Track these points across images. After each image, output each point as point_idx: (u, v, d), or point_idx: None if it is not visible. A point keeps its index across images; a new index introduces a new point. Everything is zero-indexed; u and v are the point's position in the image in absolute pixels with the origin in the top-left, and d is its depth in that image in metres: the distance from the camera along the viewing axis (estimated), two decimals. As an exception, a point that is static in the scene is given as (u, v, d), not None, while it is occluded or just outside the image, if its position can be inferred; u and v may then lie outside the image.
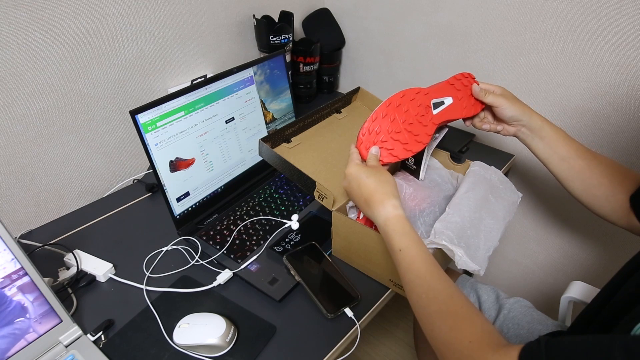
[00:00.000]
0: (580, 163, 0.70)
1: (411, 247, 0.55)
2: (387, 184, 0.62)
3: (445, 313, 0.50)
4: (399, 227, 0.57)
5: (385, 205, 0.59)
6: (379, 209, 0.59)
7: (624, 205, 0.67)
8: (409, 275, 0.54)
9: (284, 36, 1.15)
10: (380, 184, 0.61)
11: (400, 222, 0.57)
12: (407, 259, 0.55)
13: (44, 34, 0.80)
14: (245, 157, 0.94)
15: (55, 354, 0.62)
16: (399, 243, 0.56)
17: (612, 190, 0.68)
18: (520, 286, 1.30)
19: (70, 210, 0.92)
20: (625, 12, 0.82)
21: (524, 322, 0.80)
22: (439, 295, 0.51)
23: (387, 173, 0.64)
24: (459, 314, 0.49)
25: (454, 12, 1.06)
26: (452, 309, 0.50)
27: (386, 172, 0.64)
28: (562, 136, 0.71)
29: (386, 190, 0.61)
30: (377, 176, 0.62)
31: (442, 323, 0.50)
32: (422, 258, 0.54)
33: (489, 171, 0.81)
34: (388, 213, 0.58)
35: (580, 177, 0.71)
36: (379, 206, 0.59)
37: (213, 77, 0.83)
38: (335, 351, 0.64)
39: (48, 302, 0.61)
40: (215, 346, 0.62)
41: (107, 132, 0.96)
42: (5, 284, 0.58)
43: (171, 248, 0.81)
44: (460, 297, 0.51)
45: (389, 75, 1.29)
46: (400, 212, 0.58)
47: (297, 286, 0.73)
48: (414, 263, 0.54)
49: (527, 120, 0.71)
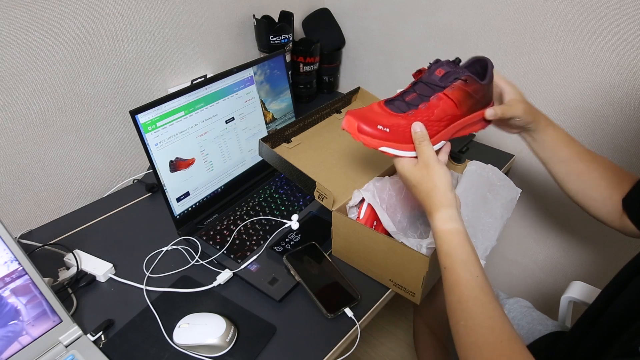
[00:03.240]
0: (580, 166, 0.69)
1: (456, 268, 0.52)
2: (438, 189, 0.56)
3: (483, 346, 0.47)
4: (446, 244, 0.54)
5: (434, 217, 0.56)
6: (434, 215, 0.56)
7: (619, 207, 0.67)
8: (450, 297, 0.52)
9: (284, 36, 1.15)
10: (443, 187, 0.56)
11: (447, 238, 0.54)
12: (451, 279, 0.52)
13: (44, 34, 0.80)
14: (245, 157, 0.94)
15: (55, 354, 0.62)
16: (444, 261, 0.53)
17: (609, 192, 0.68)
18: (520, 286, 1.30)
19: (70, 210, 0.92)
20: (625, 12, 0.82)
21: (524, 322, 0.80)
22: (480, 326, 0.48)
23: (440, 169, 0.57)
24: (497, 348, 0.46)
25: (454, 12, 1.06)
26: (490, 342, 0.47)
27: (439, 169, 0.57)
28: (564, 139, 0.70)
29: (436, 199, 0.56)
30: (443, 178, 0.56)
31: (479, 356, 0.47)
32: (466, 280, 0.51)
33: (485, 169, 0.80)
34: (436, 227, 0.55)
35: (578, 179, 0.70)
36: (434, 212, 0.56)
37: (213, 77, 0.83)
38: (335, 351, 0.64)
39: (48, 302, 0.61)
40: (215, 346, 0.62)
41: (107, 132, 0.96)
42: (5, 284, 0.58)
43: (171, 248, 0.81)
44: (501, 327, 0.47)
45: (389, 75, 1.29)
46: (450, 226, 0.54)
47: (297, 286, 0.73)
48: (458, 285, 0.51)
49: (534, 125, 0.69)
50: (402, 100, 0.61)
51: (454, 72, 0.60)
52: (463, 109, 0.61)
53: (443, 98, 0.59)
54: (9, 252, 0.57)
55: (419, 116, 0.59)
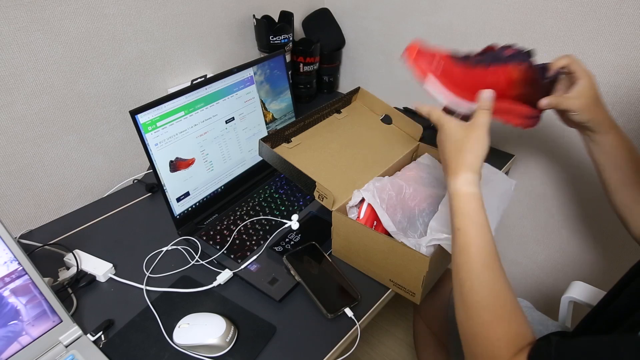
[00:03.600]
0: (634, 176, 0.65)
1: (470, 230, 0.51)
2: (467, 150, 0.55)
3: (484, 307, 0.48)
4: (463, 205, 0.53)
5: (457, 177, 0.54)
6: (451, 178, 0.55)
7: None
8: (460, 258, 0.51)
9: (284, 36, 1.15)
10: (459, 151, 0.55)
11: (466, 201, 0.53)
12: (463, 240, 0.52)
13: (44, 34, 0.80)
14: (245, 157, 0.94)
15: (55, 354, 0.62)
16: (459, 222, 0.52)
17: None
18: (520, 286, 1.30)
19: (70, 210, 0.92)
20: (625, 12, 0.82)
21: (524, 322, 0.80)
22: (484, 287, 0.49)
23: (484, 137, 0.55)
24: (498, 311, 0.48)
25: (454, 12, 1.06)
26: (492, 304, 0.48)
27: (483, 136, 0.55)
28: (626, 146, 0.66)
29: (462, 160, 0.55)
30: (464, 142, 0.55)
31: (478, 316, 0.48)
32: (477, 244, 0.51)
33: None
34: (456, 188, 0.54)
35: (631, 191, 0.66)
36: (452, 176, 0.55)
37: (213, 77, 0.83)
38: (335, 351, 0.64)
39: (48, 302, 0.61)
40: (215, 346, 0.62)
41: (107, 132, 0.96)
42: (5, 284, 0.58)
43: (171, 248, 0.81)
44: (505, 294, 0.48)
45: (389, 75, 1.29)
46: (471, 190, 0.53)
47: (297, 286, 0.73)
48: (469, 247, 0.51)
49: (594, 125, 0.64)
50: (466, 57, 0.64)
51: (521, 55, 0.61)
52: (513, 91, 0.63)
53: (500, 70, 0.61)
54: (9, 252, 0.57)
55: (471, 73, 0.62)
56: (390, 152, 0.87)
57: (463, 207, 0.53)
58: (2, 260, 0.57)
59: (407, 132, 0.92)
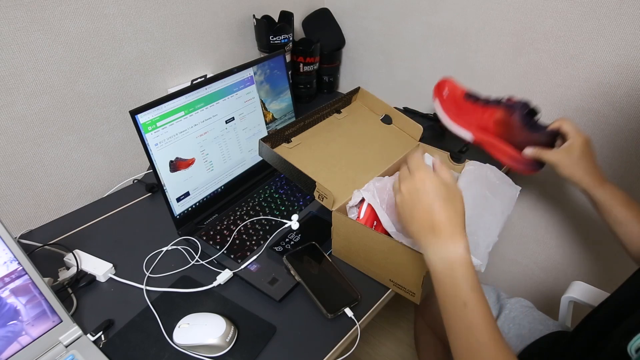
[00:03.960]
0: (638, 229, 0.66)
1: (479, 306, 0.47)
2: (461, 214, 0.52)
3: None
4: (469, 275, 0.48)
5: (457, 242, 0.49)
6: (448, 242, 0.50)
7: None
8: (470, 338, 0.47)
9: (284, 36, 1.15)
10: (456, 213, 0.51)
11: (470, 270, 0.49)
12: (472, 317, 0.47)
13: (44, 34, 0.80)
14: (245, 157, 0.94)
15: (55, 354, 0.62)
16: (466, 296, 0.47)
17: None
18: (520, 286, 1.30)
19: (70, 210, 0.92)
20: (625, 12, 0.82)
21: (525, 322, 0.80)
22: None
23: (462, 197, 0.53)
24: None
25: (454, 12, 1.06)
26: None
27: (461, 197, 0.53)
28: (620, 201, 0.68)
29: (459, 222, 0.51)
30: (455, 202, 0.52)
31: None
32: (487, 322, 0.47)
33: (484, 168, 0.80)
34: (459, 254, 0.49)
35: (638, 242, 0.67)
36: (449, 240, 0.50)
37: (213, 77, 0.83)
38: (335, 351, 0.64)
39: (48, 302, 0.61)
40: (215, 346, 0.62)
41: (107, 132, 0.96)
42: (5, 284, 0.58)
43: (171, 248, 0.81)
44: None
45: (389, 75, 1.29)
46: (469, 256, 0.49)
47: (297, 286, 0.73)
48: (479, 325, 0.47)
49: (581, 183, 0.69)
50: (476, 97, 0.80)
51: (516, 105, 0.75)
52: (497, 129, 0.77)
53: (490, 109, 0.76)
54: (9, 252, 0.57)
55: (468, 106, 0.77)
56: (390, 152, 0.87)
57: (470, 278, 0.48)
58: (2, 260, 0.57)
59: (407, 132, 0.92)
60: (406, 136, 0.92)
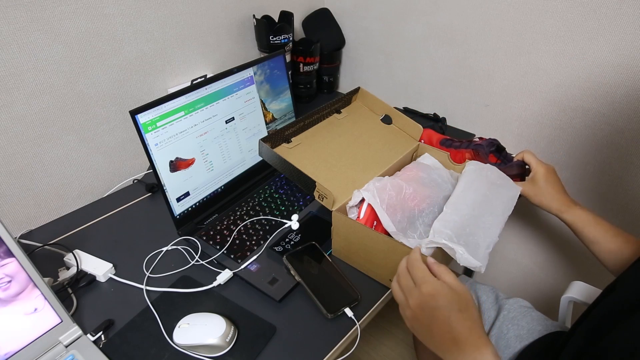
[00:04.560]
0: (611, 246, 0.71)
1: None
2: (478, 320, 0.50)
3: None
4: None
5: (483, 352, 0.48)
6: (475, 355, 0.48)
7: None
8: None
9: (284, 36, 1.15)
10: (474, 321, 0.49)
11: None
12: None
13: (44, 34, 0.80)
14: (245, 157, 0.94)
15: (55, 354, 0.62)
16: None
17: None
18: (520, 286, 1.30)
19: (70, 210, 0.92)
20: (625, 12, 0.82)
21: (523, 322, 0.80)
22: None
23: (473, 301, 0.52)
24: None
25: (454, 12, 1.06)
26: None
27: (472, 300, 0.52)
28: (589, 222, 0.73)
29: (479, 330, 0.49)
30: (469, 310, 0.50)
31: None
32: None
33: (485, 169, 0.81)
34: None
35: (613, 257, 0.72)
36: (476, 352, 0.48)
37: (213, 77, 0.83)
38: (335, 351, 0.64)
39: (48, 301, 0.61)
40: (215, 346, 0.62)
41: (107, 132, 0.96)
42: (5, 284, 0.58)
43: (171, 248, 0.81)
44: None
45: (389, 75, 1.29)
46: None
47: (297, 286, 0.73)
48: None
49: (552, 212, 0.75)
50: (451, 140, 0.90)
51: (482, 143, 0.85)
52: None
53: (462, 151, 0.87)
54: (9, 252, 0.57)
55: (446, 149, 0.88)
56: (390, 152, 0.87)
57: None
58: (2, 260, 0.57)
59: (407, 132, 0.92)
60: (406, 136, 0.92)
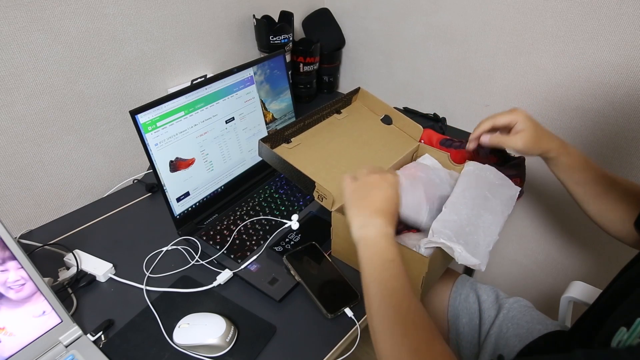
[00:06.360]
0: (597, 189, 0.71)
1: (400, 262, 0.56)
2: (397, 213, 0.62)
3: (421, 325, 0.51)
4: (396, 243, 0.58)
5: (393, 222, 0.60)
6: (388, 219, 0.59)
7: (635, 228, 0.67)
8: (393, 283, 0.54)
9: (284, 36, 1.15)
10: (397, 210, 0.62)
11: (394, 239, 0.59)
12: (397, 269, 0.55)
13: (44, 34, 0.80)
14: (245, 157, 0.94)
15: (55, 354, 0.62)
16: (393, 254, 0.56)
17: (629, 214, 0.69)
18: (520, 286, 1.30)
19: (70, 210, 0.92)
20: (625, 12, 0.82)
21: (523, 321, 0.80)
22: (419, 308, 0.52)
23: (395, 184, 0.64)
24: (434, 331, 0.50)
25: (454, 12, 1.06)
26: (427, 323, 0.51)
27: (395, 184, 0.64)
28: (579, 164, 0.71)
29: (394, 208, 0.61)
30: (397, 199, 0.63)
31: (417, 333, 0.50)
32: (405, 273, 0.55)
33: (484, 169, 0.81)
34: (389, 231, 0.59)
35: (596, 201, 0.72)
36: (389, 217, 0.59)
37: (213, 77, 0.83)
38: (335, 351, 0.64)
39: (48, 301, 0.61)
40: (215, 346, 0.62)
41: (107, 132, 0.96)
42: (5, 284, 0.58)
43: (171, 248, 0.81)
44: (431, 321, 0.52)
45: (389, 75, 1.29)
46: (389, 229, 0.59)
47: (297, 286, 0.73)
48: (401, 274, 0.55)
49: (543, 154, 0.72)
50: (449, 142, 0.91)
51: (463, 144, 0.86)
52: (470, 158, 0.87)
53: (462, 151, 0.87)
54: (9, 252, 0.57)
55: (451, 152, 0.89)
56: (390, 152, 0.87)
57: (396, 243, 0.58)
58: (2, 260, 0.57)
59: (407, 132, 0.92)
60: (406, 137, 0.92)
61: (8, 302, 0.58)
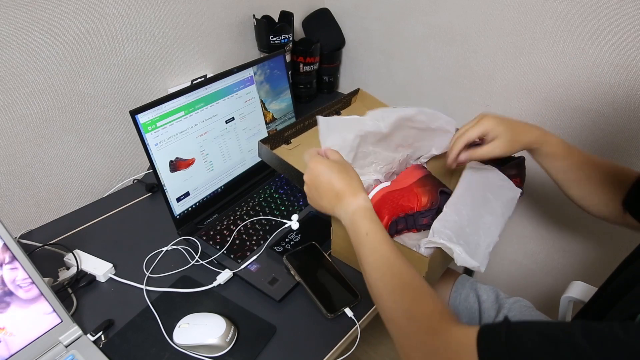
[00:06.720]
0: (579, 174, 0.73)
1: (377, 232, 0.57)
2: (356, 178, 0.63)
3: (409, 286, 0.52)
4: (367, 214, 0.59)
5: (358, 197, 0.60)
6: (350, 199, 0.60)
7: (621, 208, 0.69)
8: (374, 256, 0.56)
9: (284, 36, 1.15)
10: (352, 178, 0.62)
11: (369, 211, 0.59)
12: (374, 241, 0.56)
13: (44, 34, 0.80)
14: (245, 157, 0.94)
15: (55, 354, 0.62)
16: (367, 227, 0.58)
17: (610, 195, 0.70)
18: (520, 286, 1.30)
19: (70, 210, 0.92)
20: (625, 12, 0.82)
21: (523, 322, 0.80)
22: (403, 272, 0.54)
23: (351, 167, 0.65)
24: (421, 289, 0.52)
25: (454, 12, 1.06)
26: (414, 284, 0.52)
27: (351, 167, 0.65)
28: (560, 151, 0.72)
29: (357, 185, 0.62)
30: (348, 171, 0.63)
31: (405, 295, 0.52)
32: (386, 241, 0.56)
33: (485, 170, 0.81)
34: (359, 204, 0.60)
35: (579, 186, 0.74)
36: (351, 197, 0.60)
37: (213, 77, 0.83)
38: (335, 351, 0.64)
39: (48, 301, 0.61)
40: (215, 346, 0.62)
41: (107, 132, 0.96)
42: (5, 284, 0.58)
43: (171, 248, 0.81)
44: (421, 277, 0.53)
45: (389, 75, 1.29)
46: (369, 205, 0.60)
47: (297, 286, 0.73)
48: (380, 245, 0.56)
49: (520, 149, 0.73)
50: None
51: None
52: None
53: None
54: (9, 252, 0.57)
55: None
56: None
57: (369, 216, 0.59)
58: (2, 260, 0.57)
59: (407, 132, 0.92)
60: (406, 136, 0.92)
61: (18, 301, 0.58)
